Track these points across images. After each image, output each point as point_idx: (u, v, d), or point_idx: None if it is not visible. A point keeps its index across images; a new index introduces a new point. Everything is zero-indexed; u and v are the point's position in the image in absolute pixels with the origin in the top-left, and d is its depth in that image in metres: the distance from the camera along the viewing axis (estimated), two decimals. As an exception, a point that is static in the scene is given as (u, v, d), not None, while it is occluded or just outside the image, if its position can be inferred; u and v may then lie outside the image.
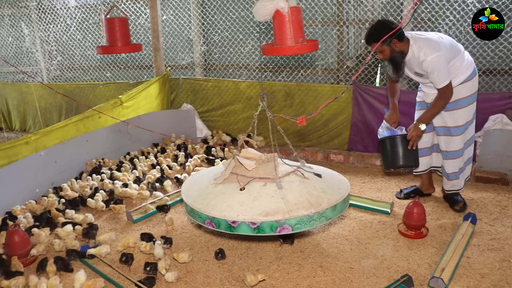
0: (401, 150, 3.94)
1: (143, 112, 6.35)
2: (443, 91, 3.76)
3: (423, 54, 3.73)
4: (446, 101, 3.82)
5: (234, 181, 3.19)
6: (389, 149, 4.00)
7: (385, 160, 4.09)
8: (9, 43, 8.99)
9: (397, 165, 4.02)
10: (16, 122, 8.76)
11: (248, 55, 6.68)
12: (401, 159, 3.97)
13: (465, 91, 3.94)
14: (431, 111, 3.87)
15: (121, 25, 4.36)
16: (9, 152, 4.73)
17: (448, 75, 3.72)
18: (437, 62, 3.69)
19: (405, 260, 3.49)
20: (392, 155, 4.00)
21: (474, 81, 3.97)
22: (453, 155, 4.11)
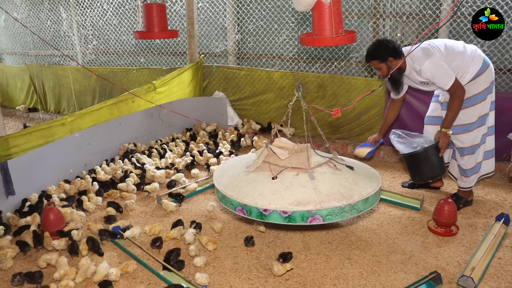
0: (436, 161, 3.89)
1: (176, 98, 6.42)
2: (453, 91, 3.76)
3: (417, 64, 3.81)
4: (460, 100, 3.77)
5: (266, 169, 3.21)
6: (423, 162, 3.92)
7: (418, 173, 4.03)
8: (48, 26, 9.17)
9: (435, 176, 4.03)
10: (51, 104, 8.96)
11: (282, 45, 6.66)
12: (437, 170, 3.95)
13: (477, 88, 3.89)
14: (450, 114, 3.83)
15: (158, 11, 4.39)
16: (45, 132, 4.86)
17: (451, 74, 3.71)
18: (433, 66, 3.73)
19: (434, 257, 3.46)
20: (428, 168, 3.93)
21: (486, 75, 3.88)
22: (469, 150, 4.06)
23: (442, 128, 3.87)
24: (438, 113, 4.29)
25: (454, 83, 3.71)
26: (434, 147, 3.85)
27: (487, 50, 5.15)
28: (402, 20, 5.75)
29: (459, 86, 3.75)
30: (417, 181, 4.32)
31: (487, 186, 4.70)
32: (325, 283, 3.19)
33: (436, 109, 4.33)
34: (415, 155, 3.91)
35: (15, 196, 4.36)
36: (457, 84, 3.74)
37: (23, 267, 3.52)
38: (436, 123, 4.29)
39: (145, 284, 3.24)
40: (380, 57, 3.88)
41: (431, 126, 4.36)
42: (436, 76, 3.75)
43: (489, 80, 3.92)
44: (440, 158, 3.90)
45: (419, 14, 5.50)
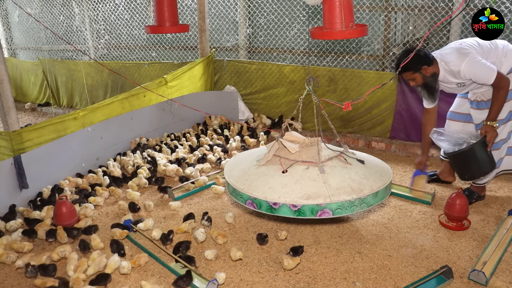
0: (485, 156, 3.72)
1: (187, 92, 6.44)
2: (498, 83, 3.62)
3: (455, 66, 3.69)
4: (506, 90, 3.64)
5: (276, 163, 3.22)
6: (471, 160, 3.73)
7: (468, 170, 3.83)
8: (60, 21, 9.24)
9: (486, 171, 3.85)
10: (63, 98, 9.03)
11: (293, 39, 6.65)
12: (487, 166, 3.77)
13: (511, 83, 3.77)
14: (496, 105, 3.68)
15: (169, 5, 4.40)
16: (58, 126, 4.90)
17: (492, 68, 3.59)
18: (473, 64, 3.62)
19: (445, 252, 3.44)
20: (477, 165, 3.73)
21: None
22: (495, 146, 3.94)
23: (488, 121, 3.71)
24: (465, 109, 4.18)
25: (498, 74, 3.59)
26: (481, 142, 3.67)
27: None
28: (414, 13, 5.71)
29: (502, 77, 3.62)
30: (467, 179, 4.11)
31: (500, 180, 4.66)
32: (335, 277, 3.19)
33: (462, 105, 4.22)
34: (462, 153, 3.73)
35: (28, 189, 4.42)
36: (500, 75, 3.60)
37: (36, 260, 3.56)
38: (461, 119, 4.22)
39: (157, 277, 3.27)
40: (413, 68, 3.73)
41: (455, 122, 4.28)
42: (478, 73, 3.62)
43: None
44: (488, 153, 3.73)
45: (431, 7, 5.44)
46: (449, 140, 3.85)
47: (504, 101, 3.70)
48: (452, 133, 3.91)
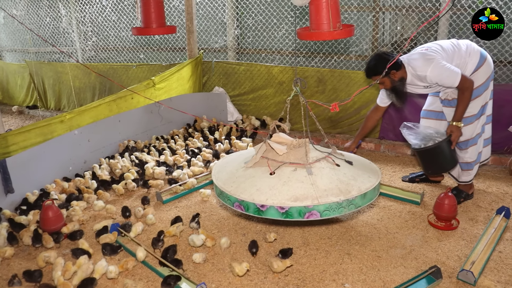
0: (448, 154, 3.86)
1: (175, 94, 6.40)
2: (462, 85, 3.72)
3: (421, 71, 3.80)
4: (470, 91, 3.75)
5: (264, 165, 3.19)
6: (436, 156, 3.89)
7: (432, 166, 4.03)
8: (47, 23, 9.15)
9: (448, 168, 4.04)
10: (51, 101, 8.95)
11: (282, 40, 6.63)
12: (450, 163, 3.93)
13: (477, 81, 3.86)
14: (461, 107, 3.79)
15: (156, 7, 4.37)
16: (44, 130, 4.85)
17: (456, 71, 3.69)
18: (438, 70, 3.71)
19: (434, 252, 3.44)
20: (441, 162, 3.91)
21: (485, 67, 3.86)
22: (472, 141, 4.03)
23: (454, 121, 3.83)
24: (437, 107, 4.26)
25: (462, 77, 3.68)
26: (446, 141, 3.82)
27: (487, 43, 5.12)
28: (402, 13, 5.72)
29: (466, 79, 3.72)
30: (431, 174, 4.36)
31: (488, 180, 4.68)
32: (324, 278, 3.18)
33: (434, 103, 4.30)
34: (428, 150, 3.89)
35: (14, 194, 4.36)
36: (464, 78, 3.71)
37: (22, 265, 3.51)
38: (434, 117, 4.29)
39: (144, 281, 3.23)
40: (381, 72, 3.81)
41: (428, 120, 4.36)
42: (443, 78, 3.71)
43: (489, 71, 3.90)
44: (452, 151, 3.87)
45: (418, 7, 5.46)
46: (417, 136, 3.99)
47: (469, 102, 3.80)
48: (420, 129, 4.06)
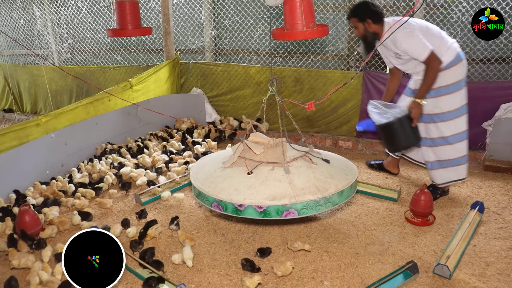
0: (409, 131, 3.86)
1: (153, 96, 6.37)
2: (429, 62, 3.72)
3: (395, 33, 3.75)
4: (435, 71, 3.73)
5: (242, 165, 3.20)
6: (397, 131, 3.86)
7: (393, 143, 4.00)
8: (21, 25, 9.01)
9: (409, 145, 4.04)
10: (27, 104, 8.82)
11: (259, 40, 6.66)
12: (412, 140, 3.92)
13: (447, 79, 3.88)
14: (424, 84, 3.79)
15: (131, 8, 4.36)
16: (20, 133, 4.78)
17: (427, 45, 3.69)
18: (409, 36, 3.75)
19: (411, 247, 3.50)
20: (402, 138, 3.88)
21: (458, 68, 3.88)
22: (460, 137, 4.03)
23: (416, 98, 3.83)
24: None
25: (431, 54, 3.68)
26: (406, 116, 3.82)
27: (460, 41, 5.22)
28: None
29: (435, 58, 3.71)
30: (393, 151, 4.44)
31: (463, 175, 4.77)
32: (303, 276, 3.20)
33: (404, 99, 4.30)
34: (389, 125, 3.87)
35: (-11, 199, 4.31)
36: (433, 56, 3.70)
37: (-2, 271, 3.48)
38: None
39: (124, 284, 3.22)
40: (360, 16, 3.96)
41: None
42: (413, 46, 3.73)
43: (461, 74, 3.91)
44: (414, 128, 3.87)
45: (393, 7, 5.54)
46: (380, 113, 3.97)
47: (433, 81, 3.79)
48: (386, 107, 4.03)
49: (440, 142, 4.08)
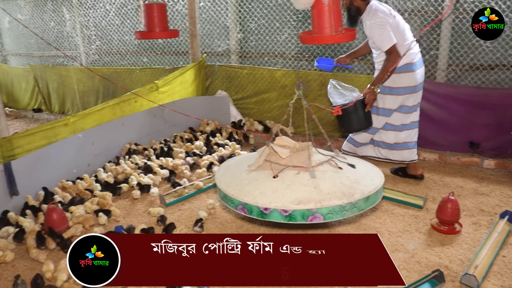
0: (362, 115, 4.19)
1: (178, 97, 6.42)
2: (389, 54, 4.06)
3: (368, 17, 4.14)
4: (393, 64, 4.00)
5: (267, 168, 3.21)
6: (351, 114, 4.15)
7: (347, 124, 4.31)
8: (51, 27, 9.21)
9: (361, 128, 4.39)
10: (55, 104, 9.00)
11: (284, 44, 6.65)
12: (363, 123, 4.26)
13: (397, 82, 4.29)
14: (380, 73, 4.17)
15: (159, 11, 4.41)
16: (49, 133, 4.87)
17: (392, 38, 3.99)
18: (379, 25, 4.05)
19: (437, 256, 3.44)
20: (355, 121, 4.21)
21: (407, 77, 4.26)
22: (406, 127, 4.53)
23: (371, 85, 4.18)
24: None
25: (393, 47, 4.00)
26: (361, 101, 4.14)
27: (490, 46, 5.13)
28: (404, 17, 5.72)
29: (395, 52, 4.03)
30: (345, 132, 4.67)
31: (492, 184, 4.67)
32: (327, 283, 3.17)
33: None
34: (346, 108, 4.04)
35: (19, 196, 4.38)
36: (394, 49, 4.02)
37: (26, 267, 3.54)
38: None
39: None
40: None
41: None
42: (378, 36, 4.06)
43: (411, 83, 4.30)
44: (366, 113, 4.21)
45: (421, 11, 5.47)
46: (339, 95, 4.24)
47: (387, 72, 4.08)
48: (344, 89, 4.31)
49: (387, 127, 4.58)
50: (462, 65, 5.42)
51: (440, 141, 5.36)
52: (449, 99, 5.16)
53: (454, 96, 5.14)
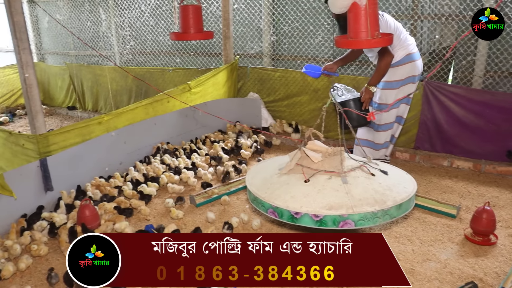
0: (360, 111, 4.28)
1: (210, 99, 6.46)
2: (382, 54, 4.21)
3: None
4: (386, 63, 4.21)
5: (299, 172, 3.19)
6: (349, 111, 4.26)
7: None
8: (87, 27, 9.40)
9: (359, 124, 4.53)
10: (89, 102, 9.18)
11: (318, 47, 6.61)
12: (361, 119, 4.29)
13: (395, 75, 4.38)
14: (376, 73, 4.33)
15: (194, 12, 4.42)
16: (83, 130, 4.96)
17: None
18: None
19: (471, 267, 3.36)
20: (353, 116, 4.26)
21: (407, 67, 4.36)
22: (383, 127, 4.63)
23: (368, 85, 4.38)
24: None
25: (385, 47, 4.10)
26: (356, 99, 4.42)
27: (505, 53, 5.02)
28: (441, 22, 5.63)
29: (388, 52, 4.18)
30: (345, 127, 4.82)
31: (528, 194, 4.55)
32: (356, 289, 3.14)
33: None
34: (342, 104, 4.21)
35: (53, 192, 4.49)
36: (387, 50, 4.16)
37: (59, 261, 3.61)
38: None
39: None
40: None
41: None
42: None
43: (410, 73, 4.39)
44: (363, 111, 4.31)
45: (459, 15, 5.36)
46: (340, 95, 4.48)
47: (383, 72, 4.31)
48: (345, 90, 4.56)
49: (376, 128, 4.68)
50: (500, 71, 5.29)
51: (475, 149, 5.23)
52: (485, 106, 5.04)
53: (491, 103, 5.01)
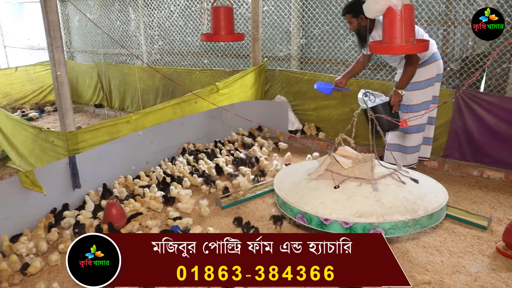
0: (389, 115, 4.41)
1: (237, 100, 6.45)
2: (409, 58, 4.29)
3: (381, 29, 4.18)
4: (414, 66, 4.32)
5: (328, 178, 3.15)
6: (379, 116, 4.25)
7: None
8: (117, 26, 9.51)
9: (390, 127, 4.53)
10: (116, 101, 9.28)
11: (348, 51, 6.55)
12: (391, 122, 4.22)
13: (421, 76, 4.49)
14: (403, 77, 4.41)
15: (226, 14, 4.42)
16: (111, 129, 5.00)
17: None
18: None
19: (503, 282, 3.26)
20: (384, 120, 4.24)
21: (431, 67, 4.49)
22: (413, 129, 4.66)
23: (397, 88, 4.48)
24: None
25: None
26: (386, 103, 4.52)
27: None
28: (475, 29, 5.50)
29: (416, 55, 4.28)
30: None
31: (562, 208, 4.41)
32: (384, 299, 3.08)
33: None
34: (373, 109, 4.31)
35: (80, 189, 4.54)
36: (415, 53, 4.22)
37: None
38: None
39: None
40: (353, 12, 4.41)
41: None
42: None
43: (434, 72, 4.52)
44: (393, 114, 4.50)
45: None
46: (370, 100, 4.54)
47: (411, 75, 4.40)
48: (373, 95, 4.60)
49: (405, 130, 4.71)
50: (536, 80, 5.16)
51: (507, 159, 5.11)
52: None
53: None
